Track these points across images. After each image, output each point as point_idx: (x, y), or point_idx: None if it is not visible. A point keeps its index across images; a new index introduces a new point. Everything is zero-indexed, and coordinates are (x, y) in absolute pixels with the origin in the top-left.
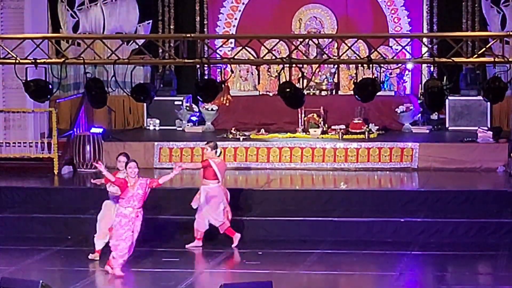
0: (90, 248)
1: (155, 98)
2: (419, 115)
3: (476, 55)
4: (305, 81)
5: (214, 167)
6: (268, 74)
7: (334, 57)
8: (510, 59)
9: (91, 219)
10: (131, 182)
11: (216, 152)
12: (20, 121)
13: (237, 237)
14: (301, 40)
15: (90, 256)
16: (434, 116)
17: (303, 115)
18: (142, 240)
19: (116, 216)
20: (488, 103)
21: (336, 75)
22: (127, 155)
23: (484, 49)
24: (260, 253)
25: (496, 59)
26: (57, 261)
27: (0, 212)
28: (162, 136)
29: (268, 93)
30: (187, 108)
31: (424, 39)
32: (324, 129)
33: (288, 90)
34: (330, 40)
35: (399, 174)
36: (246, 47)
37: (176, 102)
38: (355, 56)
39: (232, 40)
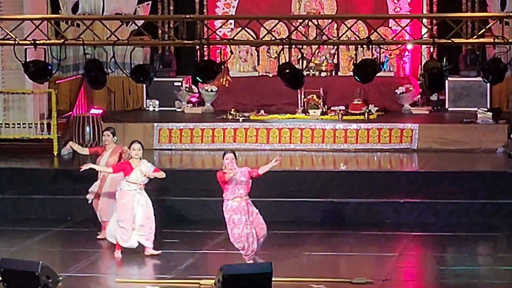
0: (89, 229)
1: (155, 79)
2: (419, 96)
3: (475, 36)
4: (304, 62)
5: None
6: (267, 55)
7: (333, 38)
8: (509, 40)
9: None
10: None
11: None
12: (20, 102)
13: None
14: (301, 21)
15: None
16: (434, 97)
17: (302, 96)
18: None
19: (225, 213)
20: (488, 84)
21: (335, 56)
22: (114, 130)
23: (483, 30)
24: None
25: (496, 40)
26: (57, 242)
27: (1, 194)
28: (161, 117)
29: (267, 74)
30: (187, 89)
31: (424, 20)
32: (324, 110)
33: (287, 71)
34: (330, 21)
35: (398, 155)
36: (246, 28)
37: (175, 83)
38: (354, 37)
39: (232, 21)
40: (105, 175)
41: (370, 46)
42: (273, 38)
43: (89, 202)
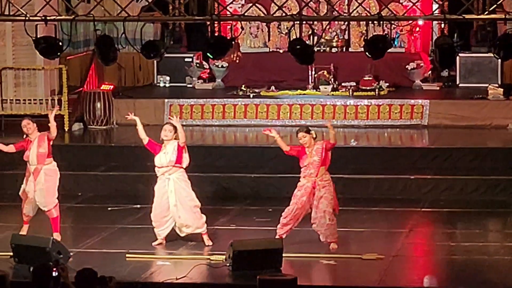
0: (100, 205)
1: (165, 55)
2: (430, 72)
3: (487, 12)
4: (315, 38)
5: None
6: (278, 31)
7: (344, 14)
8: None
9: (102, 176)
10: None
11: None
12: (30, 78)
13: None
14: None
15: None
16: (445, 73)
17: (313, 72)
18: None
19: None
20: (499, 60)
21: (346, 32)
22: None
23: (495, 5)
24: (271, 210)
25: (507, 16)
26: (67, 218)
27: (11, 170)
28: (172, 93)
29: (278, 50)
30: (197, 65)
31: None
32: (335, 86)
33: (298, 47)
34: None
35: (409, 131)
36: (256, 4)
37: (186, 59)
38: (365, 13)
39: None
40: None
41: (381, 22)
42: (283, 14)
43: None
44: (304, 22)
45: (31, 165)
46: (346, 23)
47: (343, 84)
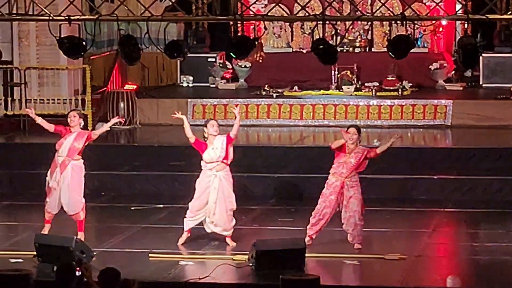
0: (123, 205)
1: (189, 55)
2: (453, 72)
3: (510, 12)
4: (338, 38)
5: None
6: (301, 31)
7: (367, 14)
8: None
9: (125, 175)
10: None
11: None
12: (54, 78)
13: None
14: None
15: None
16: (468, 73)
17: (336, 72)
18: (168, 195)
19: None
20: None
21: (369, 32)
22: (80, 112)
23: None
24: (293, 210)
25: None
26: (91, 217)
27: (35, 169)
28: (195, 93)
29: (301, 50)
30: (220, 65)
31: None
32: (358, 86)
33: (321, 47)
34: None
35: (432, 131)
36: (280, 4)
37: (209, 59)
38: (388, 13)
39: None
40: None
41: (404, 22)
42: (307, 14)
43: None
44: (327, 22)
45: (59, 156)
46: (369, 23)
47: (366, 84)
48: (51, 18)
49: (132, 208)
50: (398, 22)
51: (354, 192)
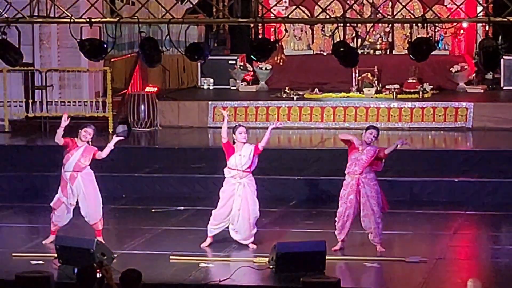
0: (144, 207)
1: (209, 57)
2: (474, 74)
3: None
4: (359, 40)
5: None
6: (322, 33)
7: (388, 16)
8: None
9: (145, 178)
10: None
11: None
12: (75, 80)
13: None
14: None
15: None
16: (489, 76)
17: (357, 75)
18: (189, 198)
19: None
20: None
21: (390, 35)
22: (95, 129)
23: None
24: (314, 212)
25: None
26: (111, 219)
27: (56, 171)
28: (216, 95)
29: (322, 52)
30: (241, 67)
31: None
32: (378, 88)
33: (342, 49)
34: None
35: (453, 133)
36: (300, 6)
37: (230, 62)
38: (409, 15)
39: None
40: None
41: (425, 25)
42: (327, 16)
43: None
44: (348, 24)
45: (66, 172)
46: (390, 25)
47: (387, 86)
48: (72, 20)
49: (153, 210)
50: (419, 24)
51: (371, 190)
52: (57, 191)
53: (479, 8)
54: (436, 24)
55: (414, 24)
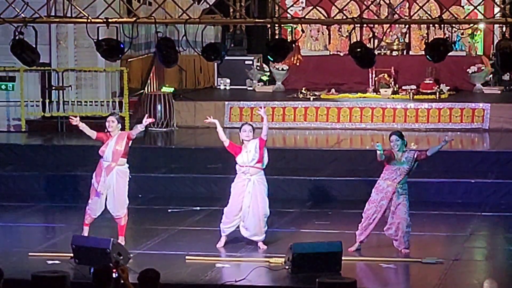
0: (160, 207)
1: (226, 57)
2: (491, 75)
3: None
4: (376, 41)
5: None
6: (339, 34)
7: (405, 17)
8: None
9: (162, 178)
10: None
11: None
12: (92, 80)
13: None
14: (372, 0)
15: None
16: (506, 77)
17: (373, 75)
18: (205, 198)
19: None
20: None
21: (407, 35)
22: (118, 116)
23: None
24: (330, 213)
25: None
26: (128, 219)
27: (72, 171)
28: (232, 96)
29: (338, 53)
30: (258, 67)
31: None
32: (395, 89)
33: (359, 50)
34: (402, 0)
35: (470, 134)
36: (317, 7)
37: (246, 62)
38: (426, 16)
39: (303, 0)
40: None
41: (442, 25)
42: (344, 17)
43: None
44: (365, 25)
45: (105, 161)
46: (407, 26)
47: (403, 87)
48: (89, 20)
49: (169, 211)
50: (436, 25)
51: (403, 199)
52: (73, 191)
53: (497, 9)
54: (453, 25)
55: (431, 25)
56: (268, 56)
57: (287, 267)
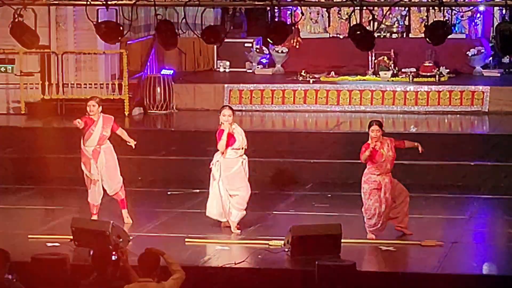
0: (160, 189)
1: (225, 40)
2: (491, 58)
3: None
4: (375, 23)
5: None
6: (338, 17)
7: (405, 0)
8: None
9: (161, 160)
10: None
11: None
12: (91, 62)
13: None
14: None
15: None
16: (506, 60)
17: (373, 58)
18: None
19: (364, 183)
20: None
21: (407, 18)
22: (99, 100)
23: None
24: (330, 195)
25: None
26: (128, 202)
27: (72, 153)
28: (232, 78)
29: (338, 35)
30: (257, 50)
31: None
32: (395, 72)
33: (358, 32)
34: None
35: (469, 117)
36: None
37: (246, 44)
38: None
39: None
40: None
41: (442, 8)
42: (344, 0)
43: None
44: (364, 7)
45: (88, 147)
46: (407, 8)
47: (403, 70)
48: (88, 2)
49: (169, 193)
50: (436, 7)
51: (398, 182)
52: (73, 173)
53: None
54: (453, 8)
55: (430, 8)
56: (268, 39)
57: (286, 249)
